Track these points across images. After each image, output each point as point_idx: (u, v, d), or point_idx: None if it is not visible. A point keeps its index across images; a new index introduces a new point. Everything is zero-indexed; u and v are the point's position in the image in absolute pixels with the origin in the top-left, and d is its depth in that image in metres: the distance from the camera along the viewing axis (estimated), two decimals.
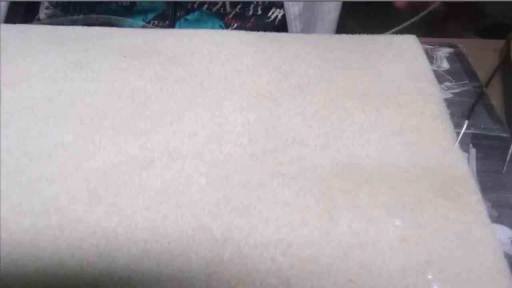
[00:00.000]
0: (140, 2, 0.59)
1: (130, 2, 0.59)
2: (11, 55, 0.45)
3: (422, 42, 0.46)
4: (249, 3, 0.60)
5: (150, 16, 0.61)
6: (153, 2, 0.60)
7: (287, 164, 0.34)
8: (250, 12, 0.61)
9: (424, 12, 0.51)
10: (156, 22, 0.61)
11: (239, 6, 0.60)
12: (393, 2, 0.58)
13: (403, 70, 0.43)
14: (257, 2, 0.61)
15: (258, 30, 0.49)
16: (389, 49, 0.45)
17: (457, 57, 0.47)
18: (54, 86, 0.41)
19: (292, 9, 0.60)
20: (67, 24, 0.52)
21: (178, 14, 0.61)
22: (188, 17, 0.61)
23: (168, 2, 0.60)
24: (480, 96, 0.41)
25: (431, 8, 0.51)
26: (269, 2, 0.61)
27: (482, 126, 0.39)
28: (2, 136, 0.36)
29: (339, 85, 0.41)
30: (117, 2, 0.59)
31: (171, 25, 0.61)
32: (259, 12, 0.61)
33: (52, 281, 0.27)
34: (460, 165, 0.34)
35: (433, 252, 0.28)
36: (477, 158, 0.36)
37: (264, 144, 0.35)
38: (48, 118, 0.38)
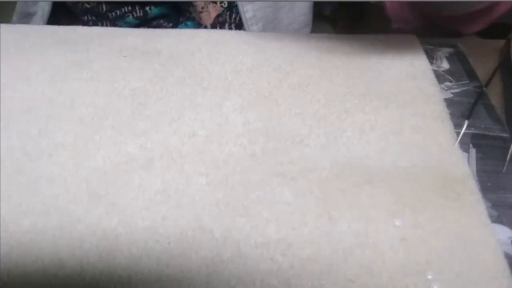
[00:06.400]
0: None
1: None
2: (11, 55, 0.45)
3: (422, 42, 0.46)
4: None
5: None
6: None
7: (287, 164, 0.34)
8: None
9: None
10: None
11: None
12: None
13: (403, 70, 0.43)
14: None
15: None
16: (389, 49, 0.45)
17: (457, 57, 0.47)
18: (54, 86, 0.41)
19: (248, 13, 0.59)
20: None
21: None
22: None
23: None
24: (480, 96, 0.41)
25: None
26: None
27: (482, 126, 0.39)
28: (2, 136, 0.36)
29: (339, 85, 0.41)
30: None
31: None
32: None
33: (52, 281, 0.27)
34: (460, 165, 0.34)
35: (433, 252, 0.28)
36: (477, 158, 0.36)
37: (264, 144, 0.35)
38: (48, 118, 0.38)
